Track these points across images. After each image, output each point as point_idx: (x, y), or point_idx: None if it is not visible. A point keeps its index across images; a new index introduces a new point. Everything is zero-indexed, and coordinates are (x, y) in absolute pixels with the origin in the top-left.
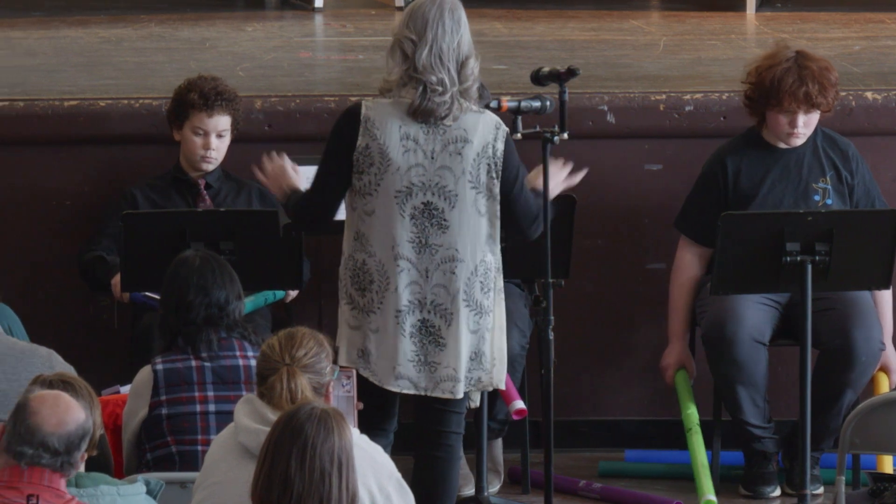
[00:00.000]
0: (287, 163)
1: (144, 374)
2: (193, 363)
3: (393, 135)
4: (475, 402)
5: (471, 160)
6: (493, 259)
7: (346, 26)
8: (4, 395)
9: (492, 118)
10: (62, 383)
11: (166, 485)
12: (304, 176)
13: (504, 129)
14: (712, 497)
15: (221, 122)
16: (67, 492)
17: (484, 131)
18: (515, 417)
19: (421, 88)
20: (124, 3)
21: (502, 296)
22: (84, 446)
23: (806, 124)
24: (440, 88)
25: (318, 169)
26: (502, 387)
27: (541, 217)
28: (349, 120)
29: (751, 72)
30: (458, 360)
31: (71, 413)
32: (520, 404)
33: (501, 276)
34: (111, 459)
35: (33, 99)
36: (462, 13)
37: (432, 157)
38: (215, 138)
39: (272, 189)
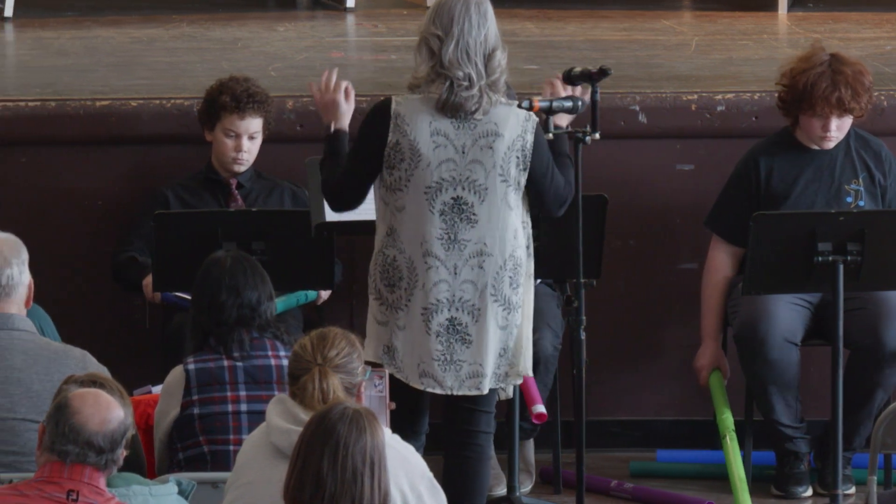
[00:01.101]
0: (340, 98)
1: (176, 373)
2: (225, 363)
3: (423, 130)
4: (507, 392)
5: (501, 154)
6: (522, 252)
7: (378, 26)
8: (38, 395)
9: (521, 111)
10: (93, 383)
11: (198, 484)
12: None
13: (534, 120)
14: None
15: (253, 125)
16: (107, 490)
17: (514, 124)
18: (535, 421)
19: (448, 84)
20: (156, 4)
21: (531, 282)
22: (124, 443)
23: (839, 128)
24: (466, 83)
25: (347, 160)
26: (529, 374)
27: (569, 200)
28: (379, 116)
29: (785, 73)
30: (485, 357)
31: (112, 411)
32: (540, 408)
33: (532, 262)
34: (144, 459)
35: (65, 99)
36: (488, 6)
37: (463, 152)
38: (247, 140)
39: (320, 111)
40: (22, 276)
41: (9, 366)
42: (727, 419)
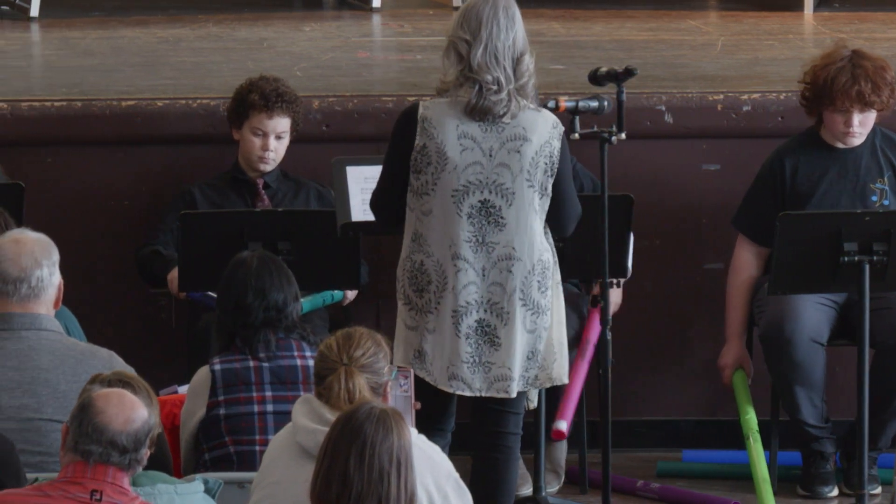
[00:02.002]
0: None
1: (202, 374)
2: (251, 363)
3: (450, 134)
4: (533, 402)
5: (529, 158)
6: (549, 256)
7: (404, 26)
8: (65, 395)
9: (549, 116)
10: (121, 382)
11: (224, 484)
12: (361, 175)
13: (561, 127)
14: None
15: (281, 124)
16: (131, 489)
17: (542, 130)
18: (553, 437)
19: (477, 88)
20: (182, 4)
21: (560, 289)
22: (148, 443)
23: (862, 123)
24: (495, 87)
25: (382, 170)
26: (565, 381)
27: (579, 217)
28: (406, 121)
29: (807, 71)
30: (513, 360)
31: (136, 410)
32: (562, 426)
33: (558, 270)
34: (170, 459)
35: (91, 99)
36: (516, 10)
37: (490, 155)
38: (274, 140)
39: None
40: (52, 278)
41: (36, 366)
42: (751, 420)
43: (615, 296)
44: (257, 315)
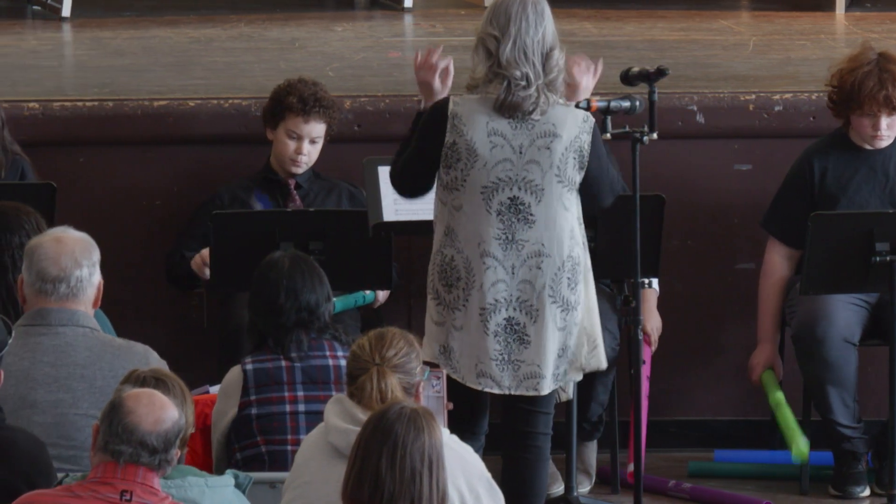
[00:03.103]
0: (436, 80)
1: (234, 374)
2: (283, 363)
3: (480, 130)
4: (568, 393)
5: (559, 154)
6: (580, 251)
7: (436, 26)
8: (101, 390)
9: (580, 112)
10: (155, 379)
11: (255, 484)
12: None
13: (591, 121)
14: (804, 447)
15: (316, 129)
16: (161, 490)
17: (572, 125)
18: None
19: (506, 84)
20: (214, 4)
21: (591, 277)
22: (178, 443)
23: (889, 126)
24: (524, 83)
25: (409, 153)
26: (604, 366)
27: (618, 191)
28: (437, 116)
29: (834, 75)
30: (544, 357)
31: (167, 411)
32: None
33: (589, 259)
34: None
35: (122, 99)
36: (545, 5)
37: (520, 152)
38: (308, 143)
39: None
40: (92, 278)
41: (73, 362)
42: (779, 396)
43: (655, 319)
44: (290, 316)
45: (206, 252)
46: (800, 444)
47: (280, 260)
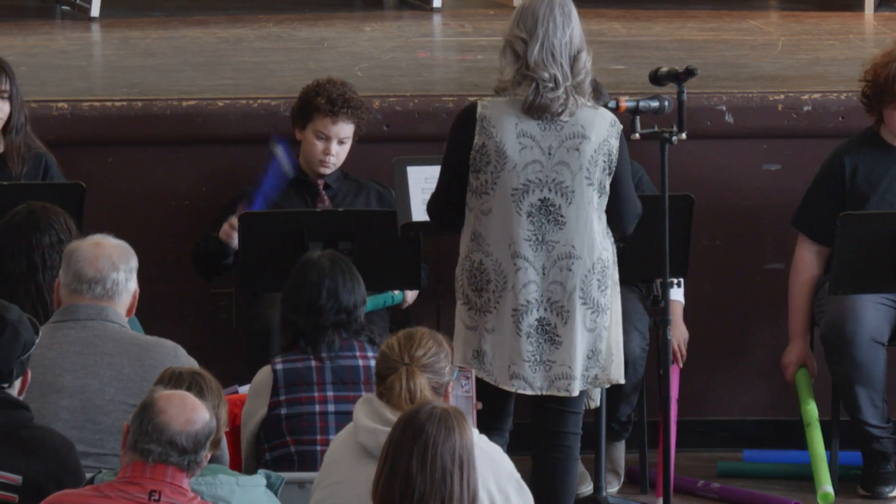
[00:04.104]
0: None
1: (264, 373)
2: (313, 363)
3: (509, 132)
4: (595, 401)
5: (588, 156)
6: (609, 255)
7: (465, 26)
8: (128, 378)
9: (607, 115)
10: (192, 375)
11: (285, 484)
12: (422, 175)
13: (619, 125)
14: (829, 489)
15: (344, 130)
16: (190, 490)
17: (601, 127)
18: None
19: (534, 85)
20: (243, 4)
21: (618, 289)
22: (209, 445)
23: None
24: (552, 84)
25: (441, 169)
26: (622, 381)
27: (639, 216)
28: (465, 120)
29: (868, 70)
30: (574, 358)
31: (198, 412)
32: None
33: (617, 269)
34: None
35: (151, 99)
36: (572, 7)
37: (549, 154)
38: (336, 144)
39: None
40: (128, 284)
41: (100, 351)
42: (812, 410)
43: (681, 332)
44: (329, 317)
45: (234, 219)
46: (826, 489)
47: (321, 260)
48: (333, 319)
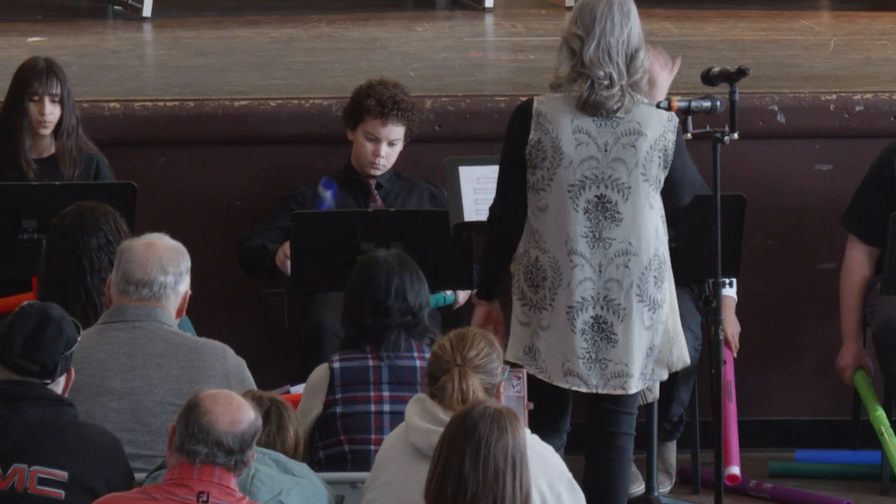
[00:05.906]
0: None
1: (321, 372)
2: (370, 362)
3: (565, 128)
4: (654, 392)
5: (644, 152)
6: (664, 250)
7: (517, 26)
8: (177, 379)
9: (663, 111)
10: (272, 401)
11: (337, 484)
12: (474, 175)
13: (676, 121)
14: None
15: (395, 132)
16: (238, 490)
17: (657, 124)
18: (727, 483)
19: (588, 83)
20: (295, 4)
21: (670, 273)
22: (254, 445)
23: None
24: (607, 82)
25: (500, 170)
26: (687, 362)
27: (697, 188)
28: (522, 115)
29: None
30: (631, 356)
31: (243, 412)
32: (735, 470)
33: (669, 259)
34: None
35: (204, 99)
36: (632, 6)
37: (605, 150)
38: (386, 146)
39: None
40: (178, 286)
41: (148, 353)
42: (881, 416)
43: (734, 325)
44: (395, 317)
45: (286, 246)
46: None
47: (388, 260)
48: (400, 320)
